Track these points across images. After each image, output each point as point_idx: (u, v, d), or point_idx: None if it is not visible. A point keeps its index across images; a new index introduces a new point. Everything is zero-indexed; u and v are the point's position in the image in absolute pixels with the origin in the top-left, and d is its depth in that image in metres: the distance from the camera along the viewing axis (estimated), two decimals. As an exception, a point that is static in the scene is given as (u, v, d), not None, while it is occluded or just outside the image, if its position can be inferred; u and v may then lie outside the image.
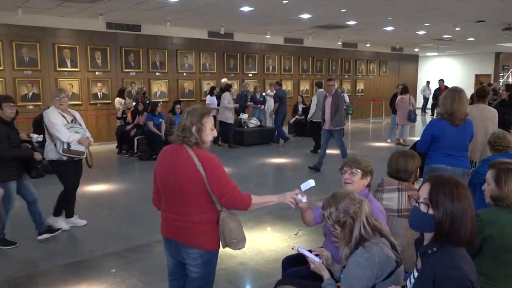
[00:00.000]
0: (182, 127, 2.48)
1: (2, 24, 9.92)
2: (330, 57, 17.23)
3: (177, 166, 2.47)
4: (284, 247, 4.60)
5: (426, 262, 1.79)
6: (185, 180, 2.43)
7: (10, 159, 4.50)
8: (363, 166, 2.83)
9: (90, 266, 4.20)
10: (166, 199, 2.58)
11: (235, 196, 2.47)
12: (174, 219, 2.53)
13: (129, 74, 12.06)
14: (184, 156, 2.45)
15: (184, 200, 2.46)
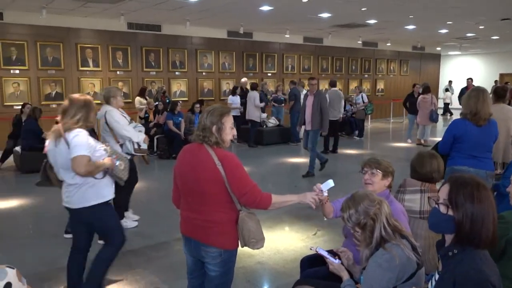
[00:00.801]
0: (202, 126, 2.49)
1: (27, 25, 10.14)
2: (350, 56, 17.08)
3: (197, 165, 2.48)
4: (302, 247, 4.58)
5: (447, 264, 1.76)
6: (204, 180, 2.44)
7: None
8: (384, 166, 2.80)
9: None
10: (185, 198, 2.59)
11: (256, 195, 2.46)
12: (193, 218, 2.54)
13: (150, 73, 12.19)
14: (204, 155, 2.46)
15: (204, 199, 2.47)
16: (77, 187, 3.15)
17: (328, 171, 8.24)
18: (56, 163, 3.16)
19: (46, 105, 10.49)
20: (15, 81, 10.20)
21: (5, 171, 8.44)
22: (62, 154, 3.06)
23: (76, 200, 3.18)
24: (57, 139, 3.06)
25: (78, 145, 3.00)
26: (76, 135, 3.02)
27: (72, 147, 2.99)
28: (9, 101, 10.13)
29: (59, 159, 3.10)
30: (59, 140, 3.06)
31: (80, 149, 2.99)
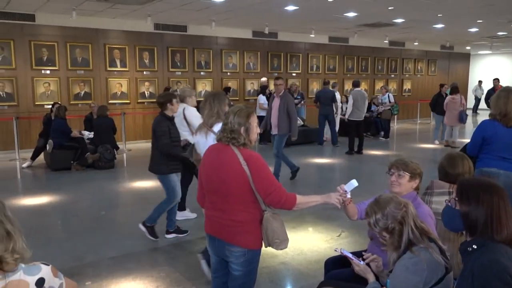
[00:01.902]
0: (230, 128, 2.51)
1: (58, 26, 10.42)
2: (376, 56, 16.85)
3: (222, 165, 2.50)
4: (327, 248, 4.55)
5: (467, 261, 1.75)
6: (230, 179, 2.46)
7: (168, 154, 4.54)
8: (411, 168, 2.75)
9: (136, 259, 4.32)
10: (210, 197, 2.61)
11: (281, 195, 2.47)
12: (218, 217, 2.56)
13: (175, 73, 12.33)
14: (230, 155, 2.48)
15: (229, 198, 2.49)
16: None
17: (353, 172, 8.17)
18: (201, 151, 3.66)
19: (75, 104, 10.75)
20: (46, 81, 10.49)
21: (36, 169, 8.70)
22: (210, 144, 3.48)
23: None
24: (206, 133, 3.66)
25: None
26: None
27: None
28: (40, 101, 10.43)
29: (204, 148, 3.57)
30: (208, 133, 3.65)
31: None
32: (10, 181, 7.82)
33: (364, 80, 16.02)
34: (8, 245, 1.52)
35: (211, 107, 3.66)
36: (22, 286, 1.52)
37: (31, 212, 5.97)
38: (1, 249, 1.50)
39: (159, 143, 4.50)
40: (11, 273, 1.51)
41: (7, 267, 1.51)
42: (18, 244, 1.56)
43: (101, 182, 7.53)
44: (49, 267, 1.63)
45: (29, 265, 1.58)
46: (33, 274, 1.56)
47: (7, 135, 9.99)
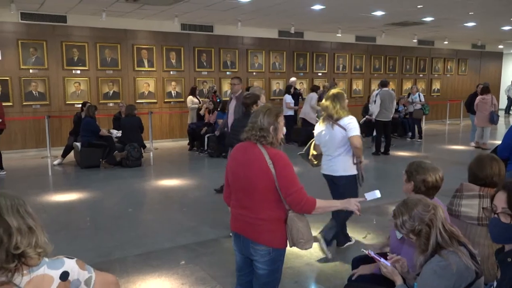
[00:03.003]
0: (259, 126, 2.55)
1: (88, 27, 10.67)
2: (404, 55, 16.55)
3: (249, 163, 2.53)
4: (352, 250, 4.49)
5: (506, 271, 1.67)
6: (256, 177, 2.49)
7: None
8: (409, 169, 2.71)
9: (161, 257, 4.38)
10: (236, 196, 2.63)
11: (301, 196, 2.47)
12: (244, 215, 2.58)
13: (201, 73, 12.43)
14: (257, 153, 2.52)
15: (255, 197, 2.51)
16: (338, 158, 4.20)
17: (379, 174, 8.05)
18: (326, 141, 4.25)
19: (104, 103, 10.99)
20: (76, 81, 10.76)
21: (66, 166, 8.93)
22: (337, 135, 4.13)
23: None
24: (332, 125, 4.15)
25: (354, 128, 4.08)
26: (350, 122, 4.11)
27: (347, 128, 4.07)
28: (71, 100, 10.70)
29: (332, 139, 4.18)
30: (334, 126, 4.14)
31: (356, 131, 4.09)
32: (42, 178, 8.06)
33: (391, 80, 15.74)
34: (31, 239, 1.55)
35: (334, 106, 4.15)
36: (47, 280, 1.54)
37: (61, 208, 6.14)
38: (25, 244, 1.53)
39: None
40: (35, 267, 1.54)
41: (31, 261, 1.54)
42: (40, 239, 1.59)
43: (129, 180, 7.67)
44: (74, 261, 1.64)
45: (53, 259, 1.60)
46: (57, 268, 1.58)
47: (39, 133, 10.30)
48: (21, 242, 1.52)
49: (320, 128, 4.32)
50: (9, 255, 1.50)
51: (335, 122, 4.15)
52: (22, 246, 1.52)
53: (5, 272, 1.48)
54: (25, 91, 10.18)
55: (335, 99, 4.19)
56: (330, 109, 4.18)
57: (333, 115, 4.16)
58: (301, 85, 13.94)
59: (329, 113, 4.19)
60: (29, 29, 10.08)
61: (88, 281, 1.68)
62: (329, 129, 4.20)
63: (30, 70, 10.21)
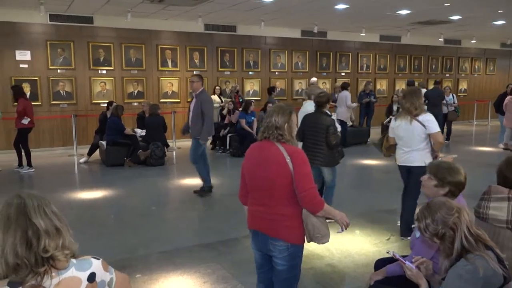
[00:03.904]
0: (275, 125, 2.60)
1: (114, 28, 10.86)
2: (430, 55, 16.24)
3: (268, 160, 2.58)
4: (375, 252, 4.44)
5: None
6: (275, 174, 2.53)
7: (336, 148, 5.16)
8: (441, 173, 2.65)
9: (183, 255, 4.42)
10: (254, 193, 2.67)
11: (315, 195, 2.54)
12: (262, 211, 2.62)
13: (224, 73, 12.49)
14: (275, 151, 2.57)
15: (274, 193, 2.56)
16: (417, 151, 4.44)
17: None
18: (403, 136, 4.50)
19: (128, 103, 11.16)
20: (102, 81, 10.97)
21: (92, 164, 9.11)
22: (416, 130, 4.38)
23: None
24: (411, 120, 4.37)
25: (434, 125, 4.36)
26: (429, 119, 4.37)
27: (428, 125, 4.34)
28: (97, 99, 10.92)
29: (410, 133, 4.42)
30: (413, 121, 4.36)
31: (437, 128, 4.38)
32: (68, 176, 8.24)
33: (416, 80, 15.47)
34: (58, 241, 1.57)
35: (412, 102, 4.38)
36: (75, 282, 1.56)
37: (87, 205, 6.27)
38: (53, 246, 1.54)
39: (333, 139, 5.02)
40: (63, 270, 1.55)
41: (59, 264, 1.55)
42: (67, 240, 1.60)
43: (152, 178, 7.77)
44: (100, 261, 1.66)
45: (80, 260, 1.62)
46: (84, 269, 1.60)
47: (66, 132, 10.55)
48: (49, 245, 1.53)
49: (397, 123, 4.55)
50: (38, 258, 1.51)
51: (414, 118, 4.37)
52: (51, 249, 1.53)
53: (35, 276, 1.49)
54: (53, 90, 10.44)
55: (414, 96, 4.42)
56: (409, 105, 4.39)
57: (412, 111, 4.38)
58: (324, 85, 13.84)
59: (408, 109, 4.40)
60: (57, 30, 10.33)
61: (110, 283, 1.70)
62: (407, 124, 4.42)
63: (58, 70, 10.46)
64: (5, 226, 1.53)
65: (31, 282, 1.49)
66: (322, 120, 5.08)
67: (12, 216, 1.54)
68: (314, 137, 5.12)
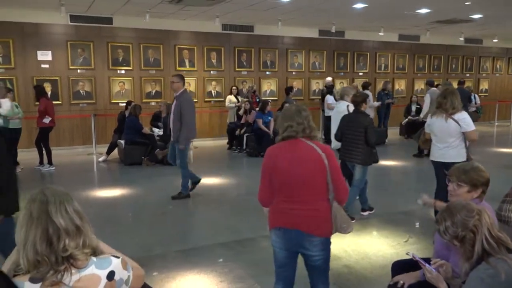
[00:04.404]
0: (303, 124, 2.68)
1: (132, 28, 10.99)
2: (450, 54, 15.98)
3: (304, 158, 2.64)
4: (393, 253, 4.39)
5: None
6: (313, 170, 2.62)
7: (372, 147, 5.35)
8: (471, 177, 2.57)
9: (200, 253, 4.44)
10: (287, 191, 2.66)
11: (346, 186, 2.78)
12: (297, 209, 2.64)
13: (241, 73, 12.51)
14: (309, 148, 2.65)
15: (311, 189, 2.64)
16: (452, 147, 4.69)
17: (423, 177, 7.80)
18: (438, 133, 4.75)
19: (146, 102, 11.28)
20: (121, 81, 11.11)
21: (111, 163, 9.23)
22: (451, 127, 4.62)
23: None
24: (446, 119, 4.61)
25: (469, 124, 4.62)
26: (464, 117, 4.61)
27: (463, 124, 4.59)
28: (115, 99, 11.06)
29: (446, 130, 4.66)
30: (448, 119, 4.60)
31: (472, 126, 4.64)
32: (88, 174, 8.37)
33: (436, 80, 15.25)
34: (79, 240, 1.59)
35: (452, 102, 4.61)
36: (95, 280, 1.59)
37: (106, 203, 6.36)
38: (72, 246, 1.57)
39: (372, 137, 5.20)
40: (83, 267, 1.58)
41: (79, 263, 1.58)
42: (88, 239, 1.63)
43: (169, 178, 7.83)
44: (119, 260, 1.68)
45: (100, 258, 1.64)
46: (104, 267, 1.62)
47: (85, 131, 10.71)
48: (69, 245, 1.56)
49: (433, 120, 4.80)
50: (58, 257, 1.54)
51: (449, 116, 4.60)
52: (70, 248, 1.56)
53: (55, 273, 1.52)
54: (73, 90, 10.62)
55: (452, 96, 4.66)
56: (446, 104, 4.63)
57: (449, 109, 4.61)
58: (341, 85, 13.74)
59: (445, 108, 4.64)
60: (77, 31, 10.50)
61: (127, 281, 1.73)
62: (442, 121, 4.65)
63: (78, 70, 10.63)
64: (27, 223, 1.57)
65: (51, 279, 1.52)
66: (361, 120, 5.25)
67: (34, 213, 1.57)
68: (353, 136, 5.30)
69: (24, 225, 1.57)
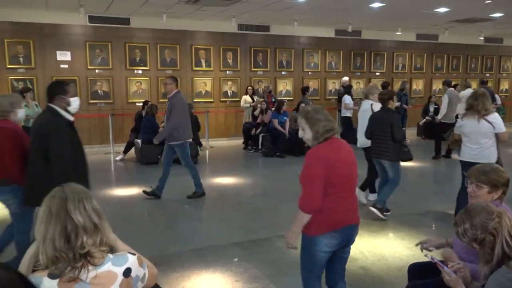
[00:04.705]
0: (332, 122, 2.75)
1: (149, 29, 11.09)
2: (469, 54, 15.72)
3: (349, 154, 2.76)
4: (409, 255, 4.34)
5: None
6: (355, 164, 2.78)
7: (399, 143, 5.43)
8: (491, 178, 2.52)
9: (215, 253, 4.46)
10: (342, 189, 2.67)
11: None
12: (352, 204, 2.79)
13: (257, 73, 12.52)
14: (345, 144, 2.80)
15: (354, 182, 2.82)
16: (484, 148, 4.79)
17: (440, 178, 7.69)
18: (469, 134, 4.83)
19: (163, 102, 11.34)
20: (138, 80, 11.22)
21: (128, 162, 9.34)
22: (483, 128, 4.72)
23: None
24: (479, 120, 4.71)
25: (501, 125, 4.74)
26: (497, 118, 4.74)
27: (496, 125, 4.70)
28: (132, 99, 11.18)
29: (478, 132, 4.75)
30: (481, 120, 4.70)
31: (503, 127, 4.76)
32: (105, 173, 8.48)
33: (455, 80, 15.01)
34: (96, 238, 1.62)
35: (484, 104, 4.71)
36: (111, 277, 1.61)
37: (123, 202, 6.43)
38: (90, 243, 1.60)
39: (398, 133, 5.30)
40: (100, 264, 1.60)
41: (95, 260, 1.60)
42: (105, 237, 1.65)
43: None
44: (135, 257, 1.71)
45: (117, 255, 1.67)
46: (120, 264, 1.64)
47: (103, 130, 10.85)
48: (87, 242, 1.59)
49: (464, 122, 4.90)
50: (76, 254, 1.57)
51: (481, 117, 4.71)
52: (88, 245, 1.59)
53: (72, 270, 1.56)
54: (91, 90, 10.76)
55: (483, 97, 4.76)
56: (478, 105, 4.73)
57: (481, 111, 4.72)
58: (358, 85, 13.65)
59: (477, 109, 4.74)
60: (96, 31, 10.64)
61: (143, 278, 1.75)
62: (474, 123, 4.75)
63: (96, 70, 10.77)
64: (47, 219, 1.60)
65: (69, 275, 1.55)
66: (388, 116, 5.38)
67: (53, 209, 1.60)
68: (382, 133, 5.41)
69: (44, 221, 1.60)
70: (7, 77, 9.98)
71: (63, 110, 3.52)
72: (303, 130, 2.73)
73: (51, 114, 3.49)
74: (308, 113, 2.70)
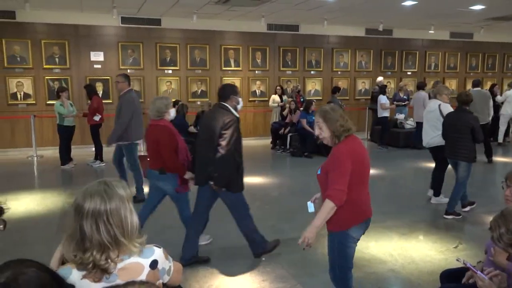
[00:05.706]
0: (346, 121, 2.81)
1: (180, 29, 11.24)
2: (506, 53, 15.19)
3: (366, 151, 2.90)
4: (441, 259, 4.23)
5: None
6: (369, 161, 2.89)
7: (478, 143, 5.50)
8: None
9: (243, 252, 4.46)
10: (367, 183, 2.87)
11: None
12: (369, 196, 2.92)
13: (286, 72, 12.49)
14: (362, 142, 2.91)
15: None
16: None
17: (478, 183, 7.46)
18: None
19: (192, 102, 11.50)
20: (168, 80, 11.40)
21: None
22: None
23: None
24: None
25: None
26: None
27: None
28: (163, 98, 11.34)
29: None
30: None
31: None
32: (136, 171, 8.63)
33: (490, 80, 14.57)
34: (127, 229, 1.65)
35: None
36: (138, 268, 1.64)
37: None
38: (119, 233, 1.62)
39: (479, 134, 5.30)
40: (127, 256, 1.64)
41: (123, 251, 1.64)
42: (133, 229, 1.67)
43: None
44: (161, 250, 1.74)
45: (144, 247, 1.70)
46: (147, 256, 1.68)
47: (134, 129, 11.04)
48: (116, 234, 1.62)
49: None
50: (104, 246, 1.59)
51: None
52: (116, 237, 1.62)
53: (100, 260, 1.58)
54: (123, 89, 10.99)
55: None
56: None
57: None
58: (389, 85, 13.41)
59: None
60: (128, 32, 10.87)
61: (168, 271, 1.79)
62: None
63: (127, 70, 10.98)
64: (79, 212, 1.63)
65: (98, 264, 1.58)
66: (466, 118, 5.36)
67: (87, 202, 1.63)
68: (458, 134, 5.38)
69: (76, 214, 1.64)
70: (44, 77, 10.33)
71: (233, 108, 4.07)
72: (320, 129, 2.81)
73: (226, 111, 4.00)
74: (326, 113, 2.79)
